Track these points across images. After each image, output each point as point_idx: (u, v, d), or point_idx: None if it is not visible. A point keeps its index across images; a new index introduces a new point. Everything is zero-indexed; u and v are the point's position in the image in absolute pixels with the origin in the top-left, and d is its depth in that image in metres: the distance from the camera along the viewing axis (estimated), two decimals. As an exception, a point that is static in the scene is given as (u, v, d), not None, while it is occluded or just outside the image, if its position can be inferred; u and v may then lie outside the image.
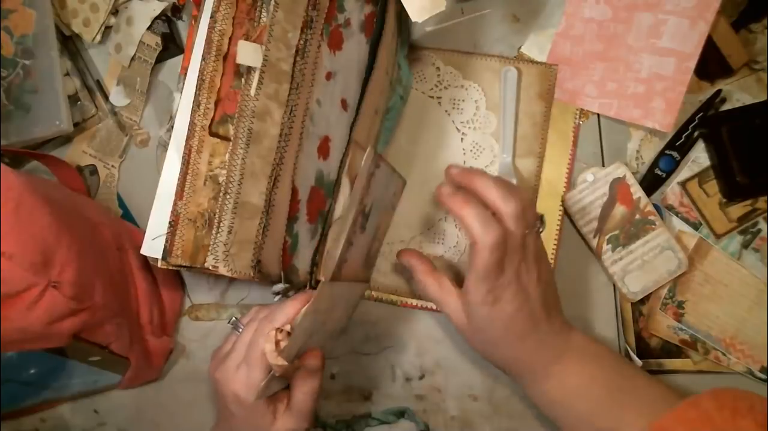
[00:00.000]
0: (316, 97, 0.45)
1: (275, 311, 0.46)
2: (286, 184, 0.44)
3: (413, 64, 0.61)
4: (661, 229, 0.57)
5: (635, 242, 0.58)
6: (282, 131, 0.43)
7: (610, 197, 0.58)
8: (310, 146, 0.46)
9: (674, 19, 0.56)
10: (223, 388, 0.47)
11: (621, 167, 0.58)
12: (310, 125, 0.45)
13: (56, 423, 0.59)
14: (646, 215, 0.58)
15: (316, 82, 0.45)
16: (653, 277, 0.57)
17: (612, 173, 0.58)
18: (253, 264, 0.42)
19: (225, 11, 0.42)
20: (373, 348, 0.59)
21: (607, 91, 0.59)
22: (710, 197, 0.59)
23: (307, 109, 0.44)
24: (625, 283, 0.57)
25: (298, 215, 0.46)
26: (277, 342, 0.42)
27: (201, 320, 0.60)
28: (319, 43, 0.44)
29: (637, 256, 0.57)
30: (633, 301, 0.57)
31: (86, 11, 0.59)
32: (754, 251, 0.58)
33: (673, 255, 0.57)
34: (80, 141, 0.61)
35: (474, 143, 0.60)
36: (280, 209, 0.44)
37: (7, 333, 0.40)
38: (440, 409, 0.59)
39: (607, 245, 0.58)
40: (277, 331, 0.43)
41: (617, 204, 0.58)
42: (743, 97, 0.59)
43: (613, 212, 0.58)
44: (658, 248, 0.57)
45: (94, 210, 0.54)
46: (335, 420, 0.59)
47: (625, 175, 0.58)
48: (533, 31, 0.61)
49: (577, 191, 0.58)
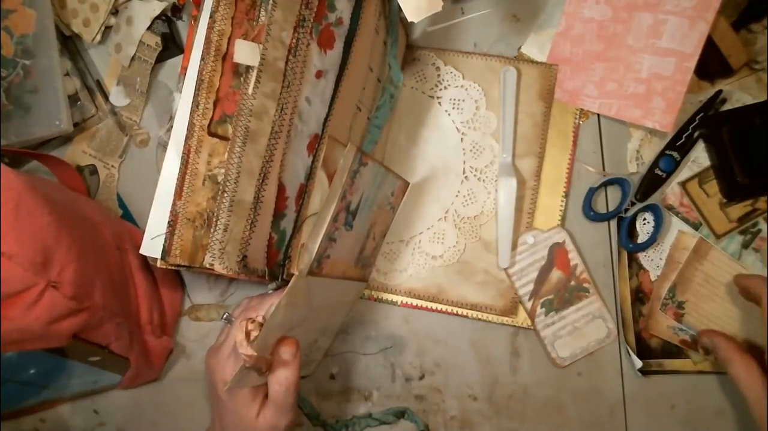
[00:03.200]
0: (305, 95, 0.45)
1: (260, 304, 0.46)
2: (273, 181, 0.44)
3: (413, 64, 0.61)
4: (594, 297, 0.58)
5: (568, 308, 0.58)
6: (273, 129, 0.43)
7: (548, 261, 0.58)
8: (299, 143, 0.46)
9: (674, 19, 0.56)
10: (214, 375, 0.48)
11: (561, 231, 0.58)
12: (298, 123, 0.45)
13: (56, 423, 0.59)
14: (581, 281, 0.58)
15: (305, 80, 0.45)
16: (582, 344, 0.58)
17: (552, 237, 0.58)
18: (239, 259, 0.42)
19: (224, 11, 0.42)
20: (373, 348, 0.59)
21: (607, 91, 0.59)
22: (710, 197, 0.59)
23: (296, 107, 0.44)
24: (554, 347, 0.58)
25: (286, 211, 0.46)
26: (248, 332, 0.42)
27: (201, 320, 0.60)
28: (308, 42, 0.44)
29: (568, 322, 0.58)
30: (561, 367, 0.58)
31: (86, 11, 0.59)
32: (754, 251, 0.58)
33: (603, 324, 0.58)
34: (80, 141, 0.61)
35: (474, 143, 0.60)
36: (267, 206, 0.44)
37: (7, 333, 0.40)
38: (440, 409, 0.59)
39: (541, 308, 0.58)
40: (248, 321, 0.42)
41: (554, 269, 0.58)
42: (743, 97, 0.59)
43: (549, 276, 0.58)
44: (590, 316, 0.58)
45: (94, 210, 0.54)
46: (335, 420, 0.59)
47: (565, 240, 0.58)
48: (533, 31, 0.61)
49: (516, 252, 0.58)
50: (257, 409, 0.46)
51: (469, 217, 0.59)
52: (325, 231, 0.46)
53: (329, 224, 0.47)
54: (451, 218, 0.60)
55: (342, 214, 0.48)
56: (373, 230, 0.56)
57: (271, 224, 0.45)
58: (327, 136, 0.48)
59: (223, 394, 0.47)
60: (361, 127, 0.55)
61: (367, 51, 0.52)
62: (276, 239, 0.46)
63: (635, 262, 0.59)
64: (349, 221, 0.50)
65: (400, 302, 0.59)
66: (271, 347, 0.45)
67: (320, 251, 0.47)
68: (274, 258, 0.46)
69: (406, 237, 0.60)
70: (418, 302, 0.59)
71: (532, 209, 0.59)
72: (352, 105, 0.52)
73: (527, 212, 0.59)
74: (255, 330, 0.42)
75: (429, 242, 0.59)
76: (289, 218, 0.47)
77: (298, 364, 0.45)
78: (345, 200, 0.48)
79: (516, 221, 0.58)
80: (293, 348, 0.45)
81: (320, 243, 0.46)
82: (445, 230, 0.59)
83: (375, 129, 0.57)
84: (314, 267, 0.47)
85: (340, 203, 0.47)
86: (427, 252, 0.59)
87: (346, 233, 0.50)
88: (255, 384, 0.46)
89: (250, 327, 0.42)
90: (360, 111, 0.54)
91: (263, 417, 0.46)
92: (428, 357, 0.59)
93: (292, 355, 0.45)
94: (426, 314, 0.59)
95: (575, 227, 0.59)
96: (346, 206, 0.49)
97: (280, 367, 0.45)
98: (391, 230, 0.59)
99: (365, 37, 0.50)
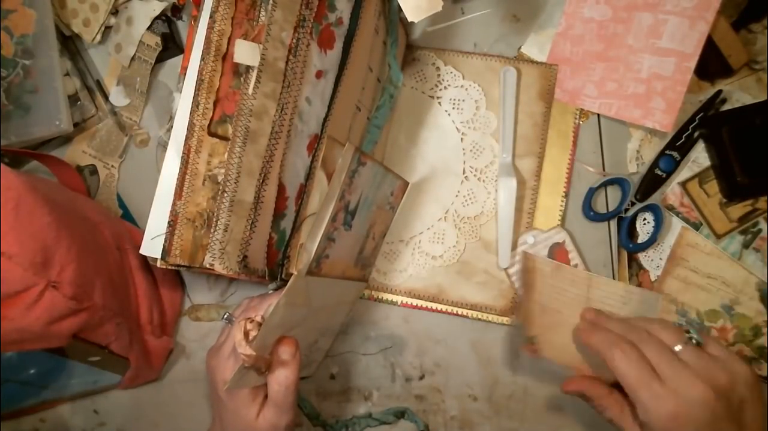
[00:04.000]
0: (305, 95, 0.45)
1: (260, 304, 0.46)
2: (273, 181, 0.44)
3: (413, 64, 0.61)
4: None
5: None
6: (273, 129, 0.43)
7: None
8: (300, 143, 0.46)
9: (674, 19, 0.56)
10: (215, 376, 0.48)
11: (561, 231, 0.58)
12: (298, 123, 0.45)
13: (56, 423, 0.59)
14: None
15: (305, 80, 0.45)
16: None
17: (552, 237, 0.58)
18: (239, 259, 0.42)
19: (224, 11, 0.42)
20: (373, 348, 0.59)
21: (607, 92, 0.59)
22: (710, 197, 0.59)
23: (296, 107, 0.44)
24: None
25: (286, 211, 0.46)
26: (247, 332, 0.42)
27: (201, 320, 0.60)
28: (308, 42, 0.44)
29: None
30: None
31: (86, 11, 0.59)
32: (754, 251, 0.58)
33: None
34: (80, 141, 0.61)
35: (474, 143, 0.60)
36: (267, 206, 0.44)
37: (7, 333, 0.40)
38: (440, 409, 0.59)
39: None
40: (247, 321, 0.42)
41: None
42: (743, 97, 0.59)
43: None
44: None
45: (94, 210, 0.54)
46: (335, 420, 0.59)
47: (565, 240, 0.58)
48: (533, 31, 0.61)
49: (516, 252, 0.58)
50: (257, 409, 0.46)
51: (469, 217, 0.59)
52: (323, 231, 0.46)
53: (328, 224, 0.47)
54: (451, 218, 0.60)
55: (341, 214, 0.48)
56: (373, 230, 0.56)
57: (271, 224, 0.45)
58: (326, 136, 0.48)
59: (223, 394, 0.47)
60: (360, 127, 0.55)
61: (367, 51, 0.52)
62: (276, 239, 0.46)
63: (635, 262, 0.59)
64: (348, 221, 0.50)
65: (400, 302, 0.59)
66: (270, 346, 0.45)
67: (319, 251, 0.47)
68: (274, 258, 0.46)
69: (406, 237, 0.60)
70: (418, 302, 0.59)
71: (532, 209, 0.59)
72: (351, 105, 0.52)
73: (527, 212, 0.59)
74: (254, 329, 0.42)
75: (429, 242, 0.59)
76: (289, 218, 0.47)
77: (297, 364, 0.45)
78: (344, 200, 0.48)
79: (516, 221, 0.58)
80: (292, 347, 0.45)
81: (319, 243, 0.46)
82: (445, 230, 0.59)
83: (375, 129, 0.57)
84: (313, 267, 0.47)
85: (339, 203, 0.47)
86: (427, 252, 0.59)
87: (345, 233, 0.50)
88: (255, 385, 0.46)
89: (249, 327, 0.42)
90: (360, 111, 0.54)
91: (263, 417, 0.46)
92: (428, 357, 0.59)
93: (291, 355, 0.45)
94: (426, 314, 0.59)
95: (575, 227, 0.59)
96: (345, 206, 0.49)
97: (280, 367, 0.45)
98: (390, 230, 0.59)
99: (365, 37, 0.50)
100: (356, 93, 0.52)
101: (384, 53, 0.56)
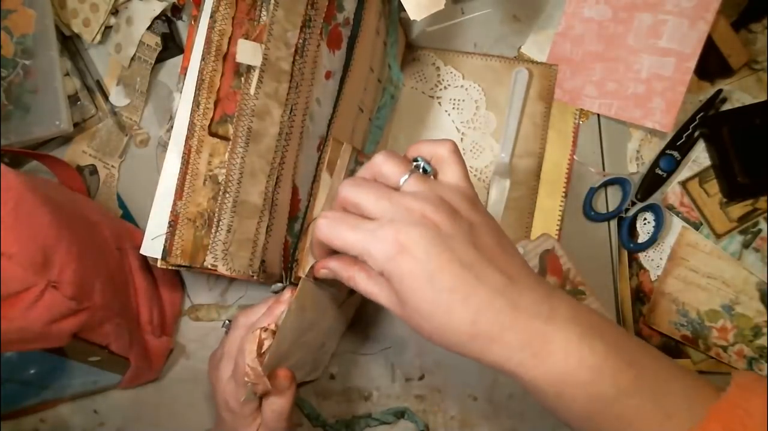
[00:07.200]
0: (316, 96, 0.45)
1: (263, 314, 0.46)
2: (287, 183, 0.44)
3: (413, 64, 0.61)
4: (591, 298, 0.57)
5: None
6: (282, 131, 0.43)
7: (540, 268, 0.57)
8: (311, 145, 0.46)
9: (674, 19, 0.56)
10: (216, 395, 0.48)
11: (549, 239, 0.57)
12: (310, 125, 0.45)
13: (56, 423, 0.59)
14: (576, 284, 0.57)
15: (315, 81, 0.45)
16: None
17: (541, 245, 0.57)
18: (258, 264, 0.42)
19: (225, 11, 0.42)
20: (373, 348, 0.59)
21: (606, 92, 0.59)
22: (711, 197, 0.59)
23: (307, 108, 0.44)
24: None
25: (299, 214, 0.46)
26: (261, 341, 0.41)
27: (201, 320, 0.60)
28: (318, 42, 0.44)
29: None
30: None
31: (86, 11, 0.59)
32: (754, 250, 0.58)
33: None
34: (80, 141, 0.61)
35: (474, 143, 0.60)
36: (282, 209, 0.44)
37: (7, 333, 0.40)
38: (440, 409, 0.59)
39: None
40: (261, 330, 0.42)
41: (548, 275, 0.57)
42: (743, 97, 0.59)
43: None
44: None
45: (94, 210, 0.54)
46: (335, 420, 0.59)
47: (554, 246, 0.57)
48: (533, 31, 0.61)
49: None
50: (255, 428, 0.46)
51: (469, 217, 0.59)
52: None
53: None
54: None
55: None
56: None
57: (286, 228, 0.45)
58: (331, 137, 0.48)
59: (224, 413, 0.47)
60: (363, 128, 0.55)
61: (369, 52, 0.52)
62: (291, 243, 0.46)
63: (635, 262, 0.59)
64: None
65: (400, 302, 0.59)
66: (284, 355, 0.45)
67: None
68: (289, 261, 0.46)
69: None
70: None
71: (532, 209, 0.59)
72: (354, 106, 0.52)
73: (527, 212, 0.59)
74: (269, 338, 0.42)
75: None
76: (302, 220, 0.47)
77: (292, 394, 0.46)
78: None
79: (516, 221, 0.58)
80: (288, 380, 0.45)
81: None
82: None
83: (377, 130, 0.57)
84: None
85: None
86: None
87: None
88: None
89: (264, 336, 0.41)
90: (362, 112, 0.54)
91: None
92: (428, 357, 0.59)
93: (286, 386, 0.45)
94: (426, 314, 0.59)
95: (575, 227, 0.59)
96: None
97: (276, 394, 0.45)
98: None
99: (367, 38, 0.50)
100: (359, 94, 0.52)
101: (384, 54, 0.56)
